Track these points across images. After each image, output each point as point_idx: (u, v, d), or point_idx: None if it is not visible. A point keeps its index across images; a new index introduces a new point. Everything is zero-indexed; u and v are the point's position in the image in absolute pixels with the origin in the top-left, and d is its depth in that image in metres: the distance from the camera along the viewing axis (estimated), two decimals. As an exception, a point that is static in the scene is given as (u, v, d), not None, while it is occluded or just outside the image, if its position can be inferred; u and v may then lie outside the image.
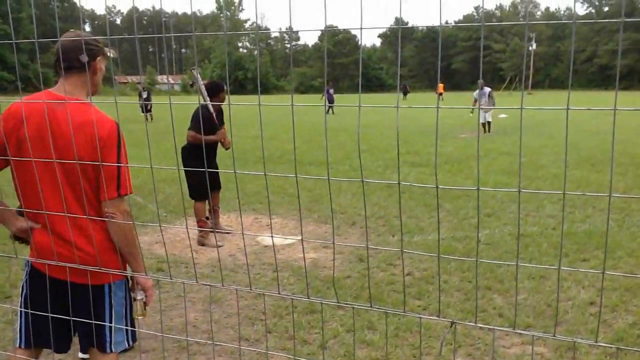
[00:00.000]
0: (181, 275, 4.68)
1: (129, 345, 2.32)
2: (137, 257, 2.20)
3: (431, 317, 1.48)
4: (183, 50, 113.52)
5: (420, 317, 1.41)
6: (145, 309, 2.32)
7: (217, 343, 3.44)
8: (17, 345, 2.25)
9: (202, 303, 4.10)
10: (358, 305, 1.45)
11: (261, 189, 8.10)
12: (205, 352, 3.36)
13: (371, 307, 1.31)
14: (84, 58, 2.10)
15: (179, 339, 3.45)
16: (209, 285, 1.54)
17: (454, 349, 3.34)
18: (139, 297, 2.28)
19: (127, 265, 2.23)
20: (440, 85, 49.39)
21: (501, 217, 6.45)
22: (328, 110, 27.64)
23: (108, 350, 2.21)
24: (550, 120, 20.30)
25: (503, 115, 21.60)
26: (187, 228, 1.61)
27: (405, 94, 48.00)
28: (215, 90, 5.62)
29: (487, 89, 15.55)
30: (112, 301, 2.20)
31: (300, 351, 3.34)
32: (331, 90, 28.34)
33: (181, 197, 7.33)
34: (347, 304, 1.78)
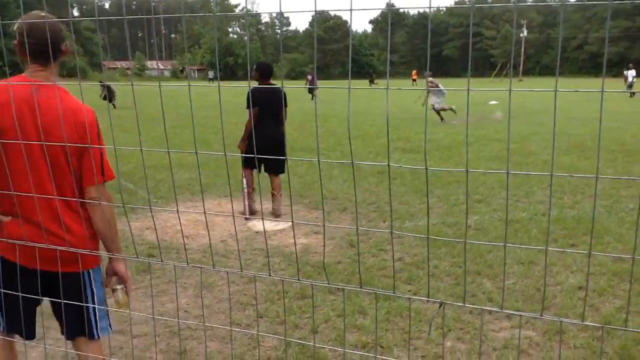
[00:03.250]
0: (172, 260, 4.69)
1: (110, 330, 2.34)
2: (118, 242, 2.23)
3: (420, 298, 1.49)
4: (172, 35, 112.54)
5: (410, 298, 1.42)
6: (126, 297, 2.26)
7: (209, 325, 3.46)
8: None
9: (194, 288, 4.11)
10: (348, 287, 1.46)
11: (252, 175, 8.09)
12: (196, 336, 3.38)
13: (361, 288, 1.32)
14: (64, 46, 2.11)
15: (170, 323, 3.46)
16: (199, 267, 1.54)
17: (443, 332, 3.37)
18: (118, 287, 2.24)
19: (106, 250, 2.23)
20: (414, 72, 50.46)
21: (491, 203, 6.50)
22: (312, 97, 27.85)
23: (96, 336, 2.23)
24: (540, 109, 20.38)
25: (494, 102, 21.60)
26: (177, 212, 1.61)
27: (371, 82, 47.32)
28: (270, 71, 6.04)
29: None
30: (93, 287, 2.21)
31: (291, 335, 3.36)
32: (309, 77, 29.22)
33: (171, 183, 7.31)
34: (337, 285, 1.80)
